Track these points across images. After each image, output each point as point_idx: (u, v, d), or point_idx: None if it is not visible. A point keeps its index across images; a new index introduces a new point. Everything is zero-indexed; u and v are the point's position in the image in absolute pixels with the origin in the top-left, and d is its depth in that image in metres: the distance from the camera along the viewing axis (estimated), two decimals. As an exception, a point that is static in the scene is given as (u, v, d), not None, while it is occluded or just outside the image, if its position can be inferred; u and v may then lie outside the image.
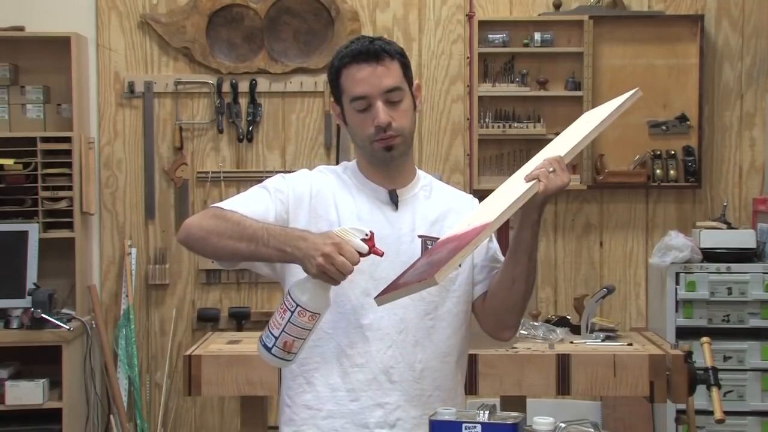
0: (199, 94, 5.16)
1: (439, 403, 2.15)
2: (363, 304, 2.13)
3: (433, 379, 2.17)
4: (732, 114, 5.18)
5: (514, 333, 2.29)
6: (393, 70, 2.14)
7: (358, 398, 2.13)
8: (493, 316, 2.22)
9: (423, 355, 2.16)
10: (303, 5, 5.14)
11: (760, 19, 5.17)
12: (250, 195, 2.19)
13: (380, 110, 2.11)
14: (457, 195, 2.33)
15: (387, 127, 2.12)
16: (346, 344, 2.14)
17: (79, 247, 4.89)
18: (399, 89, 2.14)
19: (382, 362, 2.13)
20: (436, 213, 2.23)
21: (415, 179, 2.26)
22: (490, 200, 2.15)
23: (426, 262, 2.00)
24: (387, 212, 2.19)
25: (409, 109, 2.17)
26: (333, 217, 2.16)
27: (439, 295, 2.16)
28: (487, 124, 5.06)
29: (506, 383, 3.62)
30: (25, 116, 4.92)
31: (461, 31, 5.16)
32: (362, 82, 2.12)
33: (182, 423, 5.18)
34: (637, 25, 5.10)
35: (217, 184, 5.14)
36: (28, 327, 4.62)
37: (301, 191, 2.18)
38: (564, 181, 2.01)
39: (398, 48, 2.18)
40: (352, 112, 2.16)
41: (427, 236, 2.18)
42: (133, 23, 5.14)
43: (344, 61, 2.14)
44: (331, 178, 2.24)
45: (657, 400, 3.66)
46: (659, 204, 5.19)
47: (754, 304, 4.70)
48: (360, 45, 2.14)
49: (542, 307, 5.04)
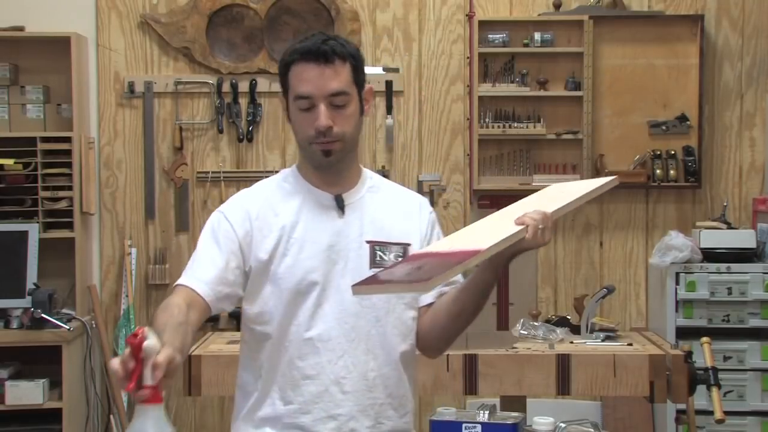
0: (199, 94, 5.16)
1: (391, 411, 2.16)
2: (314, 315, 2.11)
3: (385, 387, 2.15)
4: (732, 114, 5.18)
5: (439, 355, 2.31)
6: (342, 73, 2.08)
7: (310, 411, 2.11)
8: (428, 334, 2.21)
9: (375, 363, 2.14)
10: (303, 5, 5.14)
11: (760, 19, 5.17)
12: (205, 260, 2.11)
13: (322, 113, 2.07)
14: (407, 196, 2.29)
15: (327, 131, 2.07)
16: (297, 356, 2.11)
17: (79, 247, 4.89)
18: (345, 93, 2.09)
19: (333, 373, 2.11)
20: (384, 216, 2.19)
21: (360, 180, 2.22)
22: (473, 228, 2.15)
23: (413, 267, 1.98)
24: (334, 219, 2.15)
25: (354, 114, 2.12)
26: (276, 232, 2.13)
27: (389, 302, 2.15)
28: (487, 124, 5.06)
29: (506, 383, 3.62)
30: (25, 116, 4.92)
31: (461, 31, 5.16)
32: (308, 81, 2.07)
33: (182, 423, 5.17)
34: (637, 25, 5.10)
35: (217, 184, 5.14)
36: (28, 327, 4.62)
37: (242, 224, 2.13)
38: (546, 242, 1.97)
39: (352, 50, 2.12)
40: (295, 110, 2.11)
41: (375, 241, 2.15)
42: (133, 23, 5.14)
43: (294, 57, 2.09)
44: (268, 192, 2.19)
45: (657, 400, 3.66)
46: (659, 204, 5.19)
47: (754, 304, 4.70)
48: (312, 43, 2.09)
49: (542, 307, 5.04)
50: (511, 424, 2.61)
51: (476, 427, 2.58)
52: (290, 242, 2.12)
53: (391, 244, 2.17)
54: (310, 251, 2.12)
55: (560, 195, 2.12)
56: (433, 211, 2.30)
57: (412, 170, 5.18)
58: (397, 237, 2.18)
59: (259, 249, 2.12)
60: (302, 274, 2.11)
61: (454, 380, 3.61)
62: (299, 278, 2.11)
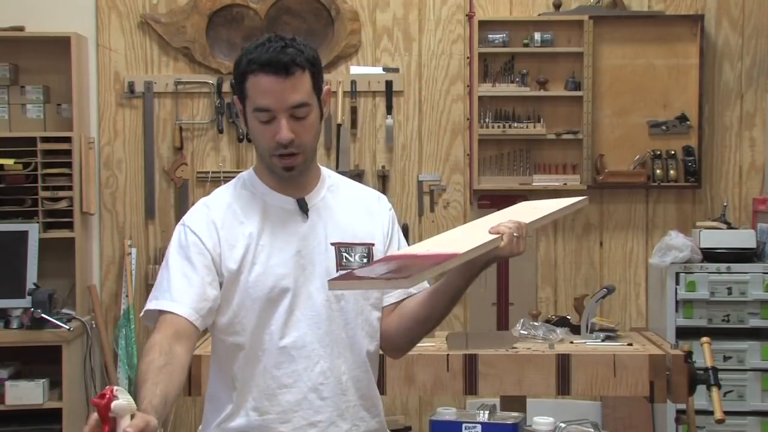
0: (199, 94, 5.16)
1: (364, 413, 2.16)
2: (287, 322, 2.09)
3: (357, 389, 2.15)
4: (732, 114, 5.18)
5: (401, 355, 2.31)
6: (302, 84, 2.02)
7: (289, 419, 2.09)
8: (393, 335, 2.20)
9: (346, 366, 2.13)
10: (303, 5, 5.14)
11: (760, 19, 5.17)
12: (179, 279, 2.05)
13: (283, 127, 2.02)
14: (365, 193, 2.27)
15: (289, 144, 2.03)
16: (272, 365, 2.08)
17: (79, 247, 4.89)
18: (306, 105, 2.03)
19: (310, 380, 2.09)
20: (346, 216, 2.18)
21: (320, 181, 2.19)
22: (447, 235, 2.17)
23: (391, 266, 1.98)
24: (298, 223, 2.12)
25: (315, 122, 2.08)
26: (243, 241, 2.09)
27: (357, 303, 2.14)
28: (487, 124, 5.06)
29: (506, 383, 3.62)
30: (25, 116, 4.92)
31: (461, 31, 5.16)
32: (268, 94, 2.01)
33: (182, 423, 5.18)
34: (637, 25, 5.10)
35: (217, 184, 5.11)
36: (28, 327, 4.62)
37: (210, 236, 2.10)
38: (520, 251, 1.98)
39: (310, 55, 2.05)
40: (254, 121, 2.06)
41: (340, 243, 2.13)
42: (133, 23, 5.14)
43: (252, 68, 2.03)
44: (229, 200, 2.15)
45: (657, 400, 3.66)
46: (659, 204, 5.19)
47: (754, 304, 4.70)
48: (271, 53, 2.01)
49: (542, 307, 5.05)
50: (511, 424, 2.61)
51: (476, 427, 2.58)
52: (258, 250, 2.09)
53: (356, 245, 2.15)
54: (279, 258, 2.09)
55: (532, 211, 2.15)
56: (392, 207, 2.29)
57: (412, 170, 5.18)
58: (361, 237, 2.17)
59: (228, 259, 2.08)
60: (273, 281, 2.08)
61: (454, 380, 3.61)
62: (270, 286, 2.07)
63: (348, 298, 2.12)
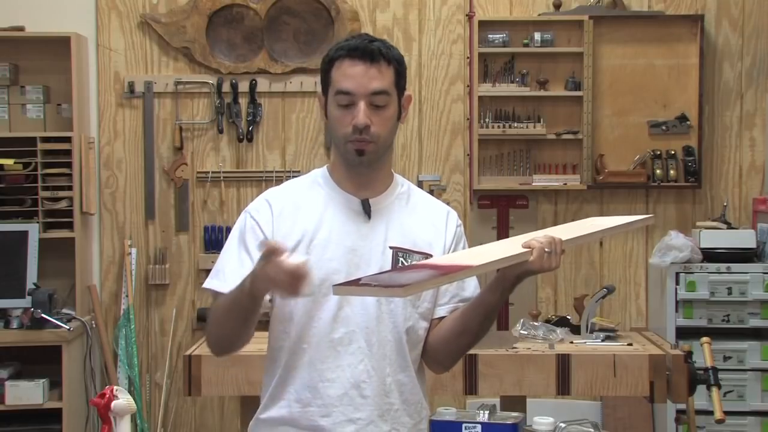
0: (199, 94, 5.16)
1: (406, 418, 2.16)
2: (336, 317, 2.10)
3: (400, 393, 2.15)
4: (732, 114, 5.18)
5: (444, 371, 2.31)
6: (385, 75, 2.08)
7: (330, 413, 2.11)
8: (433, 348, 2.21)
9: (390, 369, 2.13)
10: (303, 5, 5.14)
11: (760, 19, 5.17)
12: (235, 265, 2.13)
13: (361, 111, 2.06)
14: (435, 206, 2.27)
15: (364, 129, 2.06)
16: (318, 358, 2.11)
17: (79, 247, 4.89)
18: (386, 94, 2.08)
19: (353, 377, 2.11)
20: (410, 223, 2.18)
21: (391, 187, 2.21)
22: (482, 248, 2.16)
23: (396, 274, 1.99)
24: (359, 223, 2.14)
25: (392, 117, 2.12)
26: (299, 232, 2.12)
27: (406, 310, 2.14)
28: (487, 124, 5.06)
29: (506, 383, 3.62)
30: (25, 116, 4.92)
31: (461, 31, 5.16)
32: (351, 78, 2.07)
33: (182, 423, 5.18)
34: (637, 25, 5.10)
35: (217, 184, 5.15)
36: (28, 327, 4.62)
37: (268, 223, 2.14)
38: (551, 267, 1.99)
39: (397, 55, 2.13)
40: (334, 106, 2.10)
41: (399, 248, 2.15)
42: (133, 23, 5.14)
43: (339, 54, 2.09)
44: (295, 192, 2.20)
45: (657, 400, 3.67)
46: (659, 204, 5.19)
47: (754, 304, 4.70)
48: (359, 41, 2.09)
49: (542, 307, 5.05)
50: (511, 424, 2.61)
51: (476, 427, 2.59)
52: (313, 243, 2.11)
53: (414, 252, 2.16)
54: (334, 252, 2.11)
55: (590, 226, 2.16)
56: (461, 224, 2.28)
57: (412, 170, 5.17)
58: (420, 246, 2.17)
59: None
60: (324, 274, 2.09)
61: (455, 380, 3.61)
62: (321, 278, 2.09)
63: (397, 302, 2.12)
